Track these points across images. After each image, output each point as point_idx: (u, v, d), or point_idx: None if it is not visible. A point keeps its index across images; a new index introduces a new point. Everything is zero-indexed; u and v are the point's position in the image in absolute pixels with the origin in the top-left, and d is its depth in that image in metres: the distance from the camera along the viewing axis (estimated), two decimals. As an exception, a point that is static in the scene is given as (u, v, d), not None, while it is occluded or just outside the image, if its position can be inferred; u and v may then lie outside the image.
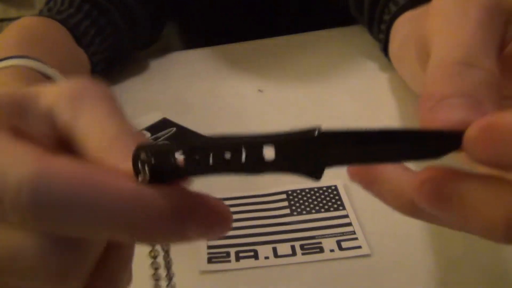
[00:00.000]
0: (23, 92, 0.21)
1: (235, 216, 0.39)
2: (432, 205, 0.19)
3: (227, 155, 0.16)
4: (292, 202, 0.40)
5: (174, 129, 0.53)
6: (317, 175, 0.16)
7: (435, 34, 0.23)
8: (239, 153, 0.16)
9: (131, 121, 0.21)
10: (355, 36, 0.72)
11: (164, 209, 0.18)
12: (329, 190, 0.41)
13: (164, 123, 0.54)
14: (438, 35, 0.23)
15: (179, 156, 0.17)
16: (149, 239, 0.20)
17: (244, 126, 0.53)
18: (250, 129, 0.53)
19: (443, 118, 0.19)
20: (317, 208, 0.39)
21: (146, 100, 0.60)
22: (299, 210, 0.40)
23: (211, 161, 0.17)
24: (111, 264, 0.21)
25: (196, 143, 0.17)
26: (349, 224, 0.38)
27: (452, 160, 0.19)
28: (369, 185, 0.22)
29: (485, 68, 0.21)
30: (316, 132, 0.15)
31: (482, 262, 0.34)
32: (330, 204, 0.40)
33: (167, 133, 0.52)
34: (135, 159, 0.18)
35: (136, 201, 0.18)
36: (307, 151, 0.15)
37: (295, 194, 0.41)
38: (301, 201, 0.40)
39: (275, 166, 0.16)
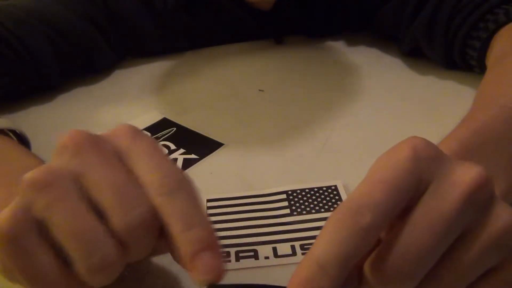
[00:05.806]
0: None
1: (235, 216, 0.39)
2: None
3: None
4: (292, 202, 0.40)
5: (174, 129, 0.53)
6: None
7: None
8: None
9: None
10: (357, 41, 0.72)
11: None
12: (329, 190, 0.41)
13: (164, 123, 0.54)
14: None
15: None
16: None
17: (244, 126, 0.53)
18: (250, 129, 0.53)
19: None
20: (317, 208, 0.39)
21: (146, 100, 0.60)
22: (299, 210, 0.40)
23: None
24: None
25: None
26: (349, 224, 0.38)
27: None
28: None
29: None
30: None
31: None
32: (330, 204, 0.40)
33: (167, 133, 0.52)
34: None
35: None
36: None
37: (295, 194, 0.41)
38: (301, 201, 0.40)
39: None
